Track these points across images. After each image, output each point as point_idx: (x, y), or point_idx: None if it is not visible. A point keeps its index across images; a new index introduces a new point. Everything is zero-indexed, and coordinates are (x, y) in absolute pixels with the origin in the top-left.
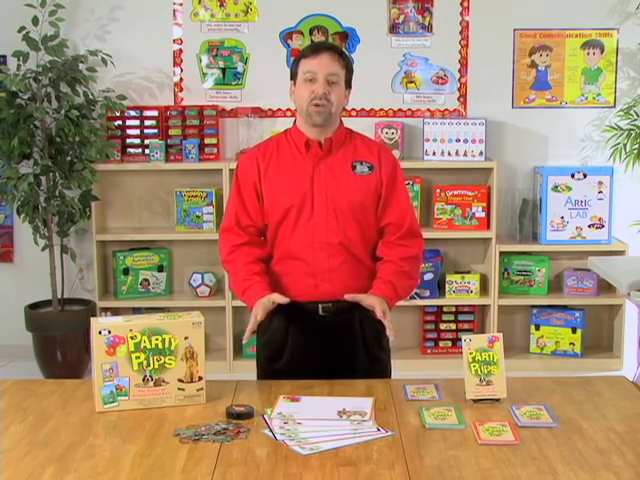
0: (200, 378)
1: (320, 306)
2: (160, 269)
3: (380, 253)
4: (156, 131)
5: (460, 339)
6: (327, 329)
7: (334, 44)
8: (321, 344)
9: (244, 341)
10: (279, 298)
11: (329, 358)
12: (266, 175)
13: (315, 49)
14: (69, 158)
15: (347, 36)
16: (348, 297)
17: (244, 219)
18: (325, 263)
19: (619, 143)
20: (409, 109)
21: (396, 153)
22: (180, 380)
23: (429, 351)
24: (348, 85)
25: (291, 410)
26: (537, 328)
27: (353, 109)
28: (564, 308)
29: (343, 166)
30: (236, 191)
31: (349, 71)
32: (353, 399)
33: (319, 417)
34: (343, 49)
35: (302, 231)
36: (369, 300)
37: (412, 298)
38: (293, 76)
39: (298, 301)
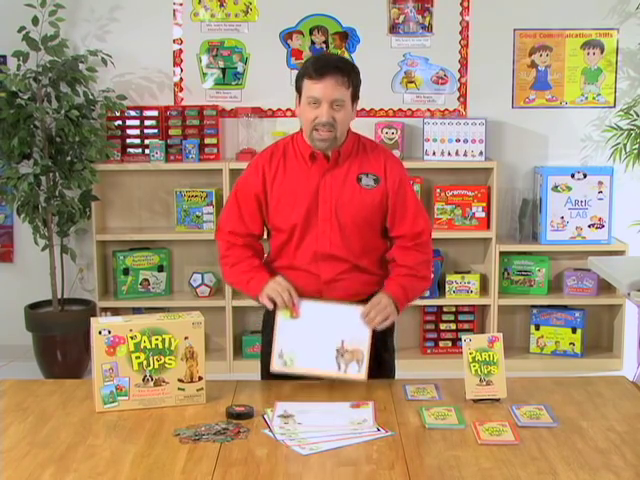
0: (200, 378)
1: None
2: (160, 269)
3: (394, 256)
4: (156, 131)
5: (460, 339)
6: None
7: (339, 60)
8: None
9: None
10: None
11: None
12: (273, 186)
13: (319, 71)
14: (69, 158)
15: (347, 36)
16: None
17: (240, 228)
18: (329, 274)
19: (619, 143)
20: (409, 109)
21: (396, 153)
22: (180, 380)
23: (429, 351)
24: (355, 98)
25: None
26: (537, 328)
27: None
28: (564, 308)
29: (349, 178)
30: (234, 200)
31: (355, 86)
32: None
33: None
34: (348, 60)
35: (306, 245)
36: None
37: None
38: (297, 89)
39: None
